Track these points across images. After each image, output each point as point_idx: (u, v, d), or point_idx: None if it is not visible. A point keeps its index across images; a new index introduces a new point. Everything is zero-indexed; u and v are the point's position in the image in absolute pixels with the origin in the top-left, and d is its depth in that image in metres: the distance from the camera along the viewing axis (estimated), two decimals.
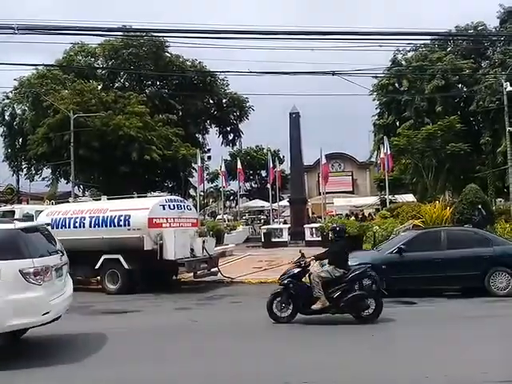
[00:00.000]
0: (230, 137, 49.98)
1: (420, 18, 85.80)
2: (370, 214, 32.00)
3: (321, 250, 9.63)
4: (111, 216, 13.12)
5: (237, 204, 46.11)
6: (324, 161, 28.38)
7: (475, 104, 34.54)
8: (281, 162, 48.50)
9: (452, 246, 10.85)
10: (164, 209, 13.33)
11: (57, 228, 13.79)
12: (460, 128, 30.65)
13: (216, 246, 17.07)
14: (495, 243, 10.96)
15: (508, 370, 5.78)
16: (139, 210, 13.00)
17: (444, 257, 10.65)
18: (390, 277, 10.45)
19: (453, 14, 67.34)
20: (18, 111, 41.90)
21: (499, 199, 33.13)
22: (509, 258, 10.61)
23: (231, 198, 53.77)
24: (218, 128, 49.07)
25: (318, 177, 37.52)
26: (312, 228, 25.29)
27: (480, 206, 17.89)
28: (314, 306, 8.19)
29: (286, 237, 26.85)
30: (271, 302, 8.48)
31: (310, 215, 34.57)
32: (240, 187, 45.44)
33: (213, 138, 49.48)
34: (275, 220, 33.26)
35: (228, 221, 36.15)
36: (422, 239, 11.37)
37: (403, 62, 40.86)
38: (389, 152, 26.98)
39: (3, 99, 41.17)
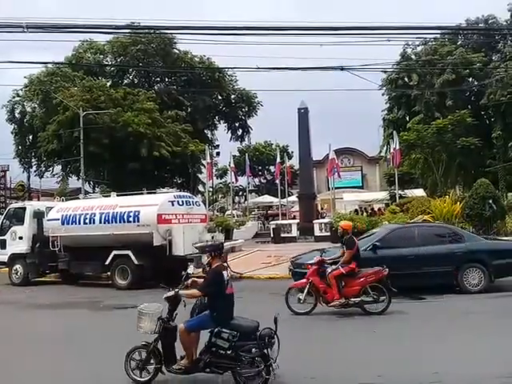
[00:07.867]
0: (239, 132, 50.04)
1: (432, 11, 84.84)
2: (379, 209, 31.87)
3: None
4: (121, 212, 13.20)
5: (246, 200, 46.11)
6: (333, 156, 28.21)
7: (486, 98, 34.18)
8: (290, 157, 48.47)
9: (425, 242, 10.56)
10: (173, 205, 13.38)
11: (67, 224, 13.95)
12: (471, 122, 30.30)
13: (225, 242, 17.16)
14: (467, 239, 10.68)
15: None
16: (148, 206, 13.07)
17: (417, 254, 10.37)
18: None
19: (464, 7, 66.81)
20: (28, 109, 42.27)
21: (510, 193, 32.75)
22: (481, 254, 10.32)
23: (240, 193, 53.81)
24: (226, 124, 49.16)
25: (327, 172, 37.41)
26: (321, 223, 25.27)
27: (491, 201, 17.75)
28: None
29: (294, 232, 26.83)
30: None
31: (320, 210, 34.54)
32: (249, 183, 45.45)
33: (221, 133, 49.63)
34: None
35: (237, 216, 36.22)
36: (396, 236, 11.01)
37: (413, 57, 40.55)
38: (397, 147, 26.78)
39: (13, 97, 41.59)
